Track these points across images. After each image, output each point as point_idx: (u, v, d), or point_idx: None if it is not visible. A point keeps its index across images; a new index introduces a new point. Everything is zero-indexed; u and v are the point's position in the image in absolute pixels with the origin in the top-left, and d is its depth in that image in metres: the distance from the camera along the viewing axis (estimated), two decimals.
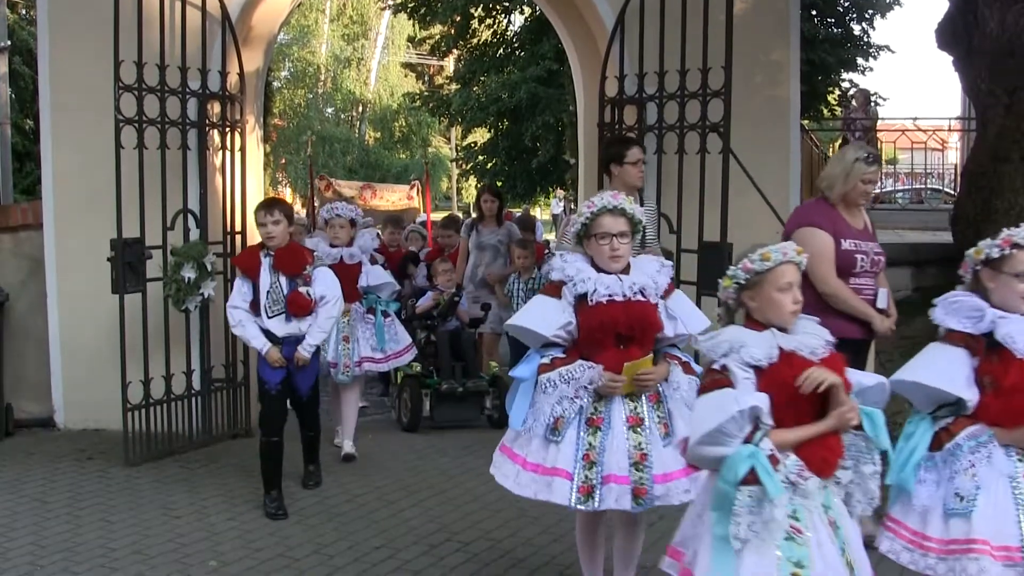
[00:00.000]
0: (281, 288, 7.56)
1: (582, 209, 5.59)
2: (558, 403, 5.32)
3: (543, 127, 23.86)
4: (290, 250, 7.70)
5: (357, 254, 9.25)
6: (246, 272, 7.65)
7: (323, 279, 7.74)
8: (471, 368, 10.92)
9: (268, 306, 7.57)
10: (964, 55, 10.28)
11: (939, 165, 27.29)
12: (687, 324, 5.61)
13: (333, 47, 53.45)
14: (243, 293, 7.64)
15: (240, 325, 7.66)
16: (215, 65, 9.61)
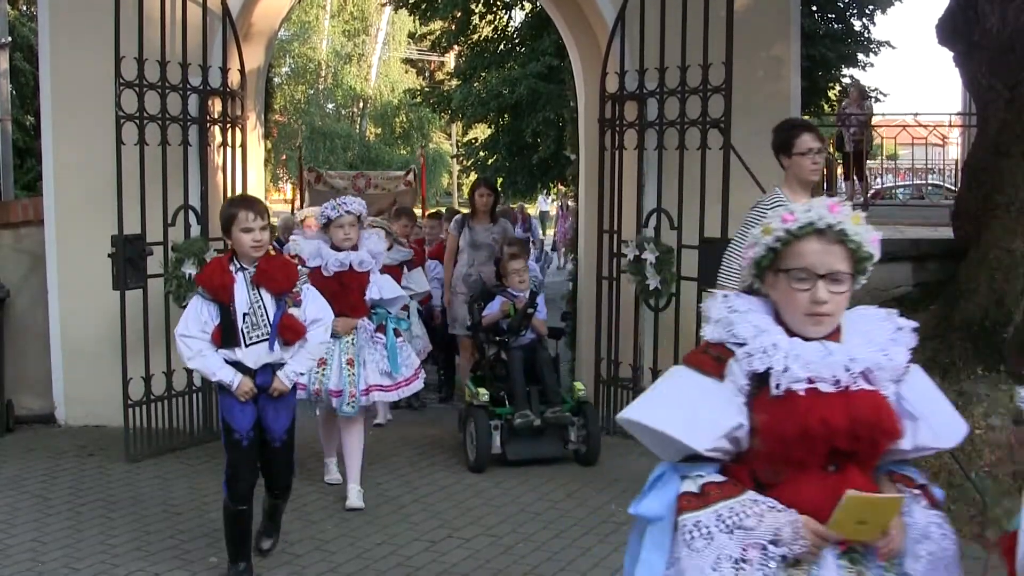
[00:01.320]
0: (265, 309, 6.17)
1: (770, 221, 3.32)
2: (716, 569, 3.07)
3: (544, 123, 23.83)
4: (277, 262, 6.32)
5: (368, 260, 7.92)
6: (215, 293, 6.14)
7: (314, 298, 6.46)
8: (551, 392, 8.92)
9: (246, 331, 6.14)
10: (965, 50, 10.28)
11: (940, 160, 27.30)
12: (936, 430, 3.49)
13: (334, 43, 53.48)
14: (203, 320, 6.13)
15: (199, 356, 6.13)
16: (216, 61, 9.62)
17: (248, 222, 6.13)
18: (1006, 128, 9.35)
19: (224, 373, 6.13)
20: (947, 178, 27.49)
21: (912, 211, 17.76)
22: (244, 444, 6.25)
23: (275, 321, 6.21)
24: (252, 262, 6.20)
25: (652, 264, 9.27)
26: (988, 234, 8.94)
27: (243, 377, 6.15)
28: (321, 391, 7.74)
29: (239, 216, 6.13)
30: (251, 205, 6.25)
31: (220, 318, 6.14)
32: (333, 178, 20.10)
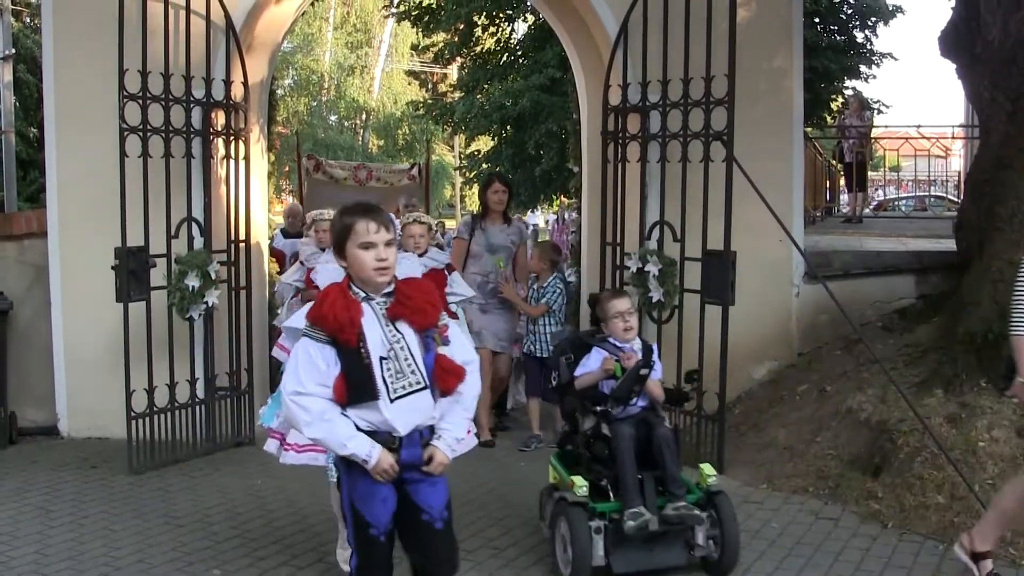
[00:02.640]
0: (409, 351, 4.68)
1: None
2: None
3: (546, 135, 23.86)
4: (419, 287, 4.86)
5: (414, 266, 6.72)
6: (338, 331, 4.63)
7: (458, 333, 5.02)
8: (672, 481, 6.53)
9: (389, 381, 4.64)
10: (967, 62, 10.29)
11: (943, 172, 27.35)
12: None
13: (337, 55, 53.55)
14: (321, 370, 4.63)
15: (322, 421, 4.60)
16: (219, 74, 9.63)
17: (370, 235, 4.70)
18: (1008, 140, 9.35)
19: (358, 445, 4.59)
20: (950, 190, 27.53)
21: (915, 223, 17.78)
22: (383, 540, 4.81)
23: (429, 365, 4.75)
24: (378, 288, 4.77)
25: (655, 276, 9.27)
26: (991, 246, 8.94)
27: (382, 450, 4.62)
28: None
29: (357, 227, 4.74)
30: (373, 214, 4.81)
31: (343, 365, 4.64)
32: (333, 167, 19.13)
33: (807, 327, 10.46)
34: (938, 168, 26.02)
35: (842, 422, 8.67)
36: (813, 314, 10.47)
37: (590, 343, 7.13)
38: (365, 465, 4.60)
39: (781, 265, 10.27)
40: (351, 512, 4.79)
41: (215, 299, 9.30)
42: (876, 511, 7.50)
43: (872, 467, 8.02)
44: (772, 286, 10.27)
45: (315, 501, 8.09)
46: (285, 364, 9.67)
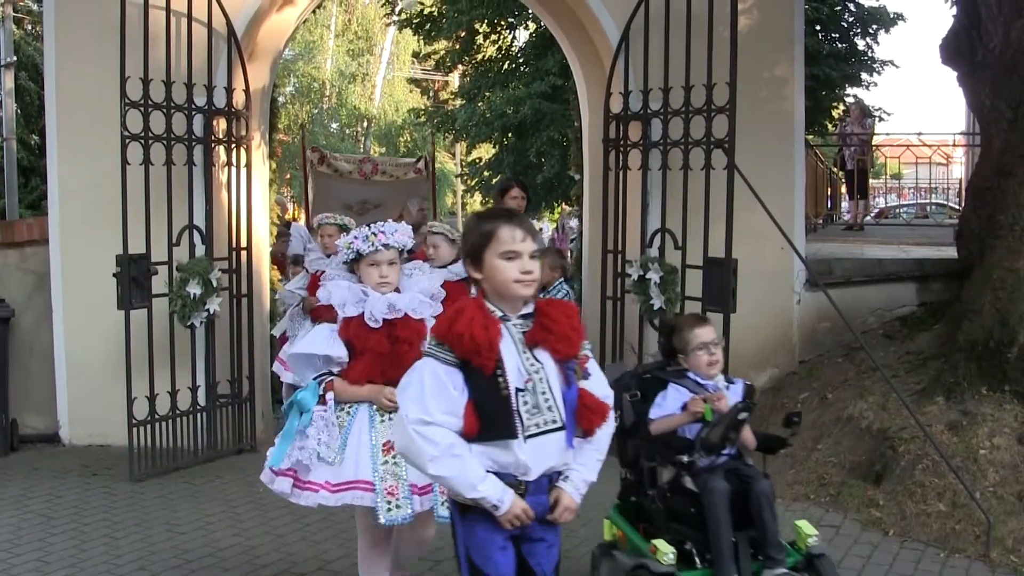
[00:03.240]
0: (548, 383, 4.04)
1: None
2: None
3: (548, 143, 23.85)
4: (562, 310, 4.18)
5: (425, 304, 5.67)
6: (474, 354, 3.98)
7: (595, 365, 4.33)
8: (771, 543, 5.54)
9: (524, 417, 4.01)
10: (968, 70, 10.30)
11: (944, 180, 27.37)
12: None
13: (338, 63, 53.50)
14: (451, 397, 4.00)
15: (450, 457, 3.95)
16: (221, 81, 9.64)
17: (515, 243, 4.05)
18: (1010, 148, 9.36)
19: (490, 488, 3.96)
20: (951, 197, 27.53)
21: (916, 230, 17.79)
22: None
23: (571, 401, 4.13)
24: (517, 306, 4.14)
25: (656, 284, 9.27)
26: (992, 254, 8.94)
27: (514, 494, 4.01)
28: (398, 487, 5.32)
29: (500, 234, 4.08)
30: (518, 219, 4.18)
31: (473, 394, 4.02)
32: (338, 160, 18.40)
33: (808, 335, 10.46)
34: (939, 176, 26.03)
35: (843, 429, 8.67)
36: (814, 321, 10.47)
37: (664, 378, 6.03)
38: (494, 512, 3.98)
39: (782, 273, 10.27)
40: (467, 565, 4.16)
41: (216, 306, 9.31)
42: (877, 519, 7.50)
43: (873, 474, 8.02)
44: (773, 294, 10.28)
45: (318, 509, 8.08)
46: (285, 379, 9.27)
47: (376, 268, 5.54)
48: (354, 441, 5.40)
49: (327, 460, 5.35)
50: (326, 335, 5.47)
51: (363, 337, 5.40)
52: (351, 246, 5.57)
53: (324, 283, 5.71)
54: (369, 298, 5.47)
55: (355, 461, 5.35)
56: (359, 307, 5.46)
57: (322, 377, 5.49)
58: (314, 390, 5.47)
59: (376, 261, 5.55)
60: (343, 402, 5.47)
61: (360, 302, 5.48)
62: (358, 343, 5.40)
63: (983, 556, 6.87)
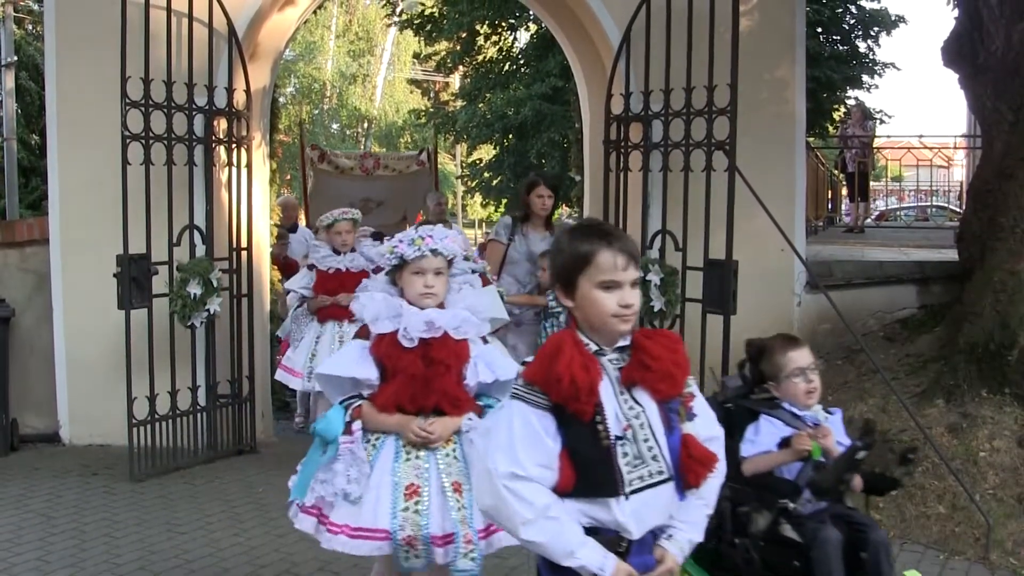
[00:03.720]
0: (650, 427, 3.50)
1: None
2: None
3: (548, 144, 23.88)
4: (664, 342, 3.60)
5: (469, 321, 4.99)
6: (572, 398, 3.41)
7: (703, 404, 3.77)
8: None
9: (625, 469, 3.45)
10: (970, 72, 10.30)
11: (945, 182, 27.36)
12: None
13: (339, 63, 53.52)
14: (546, 447, 3.45)
15: (545, 519, 3.41)
16: (222, 81, 9.64)
17: (616, 272, 3.48)
18: (1011, 150, 9.36)
19: (589, 555, 3.41)
20: (952, 200, 27.53)
21: (917, 233, 17.79)
22: None
23: (674, 449, 3.58)
24: (613, 340, 3.58)
25: (656, 285, 9.26)
26: (992, 256, 8.94)
27: (616, 559, 3.45)
28: (417, 538, 4.66)
29: (600, 260, 3.50)
30: (620, 241, 3.56)
31: (567, 442, 3.46)
32: (338, 157, 18.12)
33: (808, 337, 10.44)
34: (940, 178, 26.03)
35: None
36: (815, 323, 10.47)
37: (754, 409, 5.29)
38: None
39: (783, 274, 10.27)
40: None
41: (217, 307, 9.30)
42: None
43: None
44: (774, 296, 10.28)
45: None
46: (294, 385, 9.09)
47: (420, 277, 4.85)
48: (376, 480, 4.69)
49: (352, 500, 4.67)
50: (356, 353, 4.82)
51: (395, 357, 4.73)
52: (395, 251, 4.88)
53: (359, 295, 5.07)
54: (405, 313, 4.79)
55: (374, 505, 4.65)
56: (394, 323, 4.80)
57: (350, 401, 4.79)
58: (340, 416, 4.76)
59: (421, 269, 4.84)
60: (370, 431, 4.76)
61: (395, 317, 4.81)
62: (389, 363, 4.74)
63: (983, 558, 6.87)
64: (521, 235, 9.45)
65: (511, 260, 9.45)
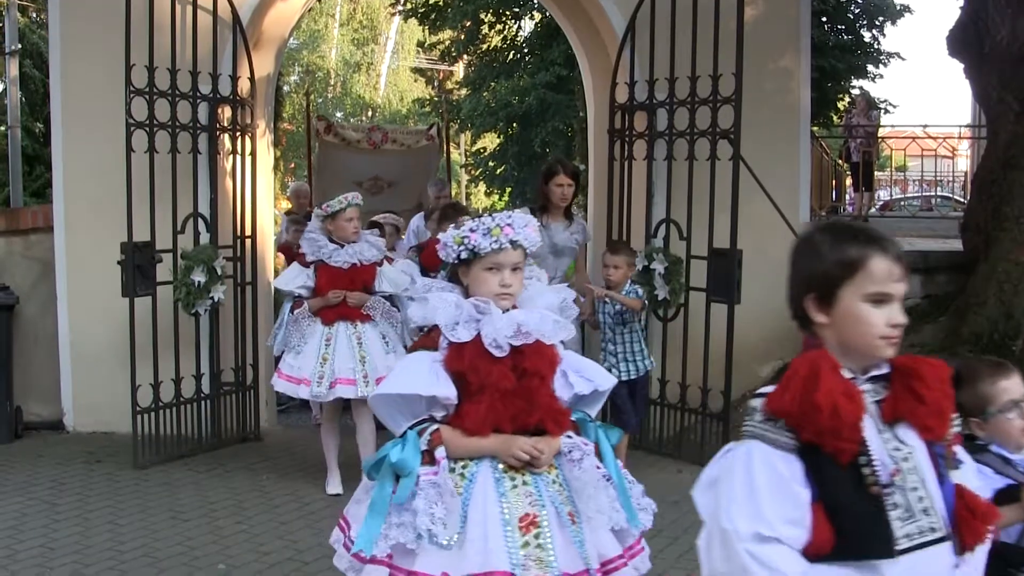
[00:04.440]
0: (919, 473, 2.83)
1: None
2: None
3: (553, 133, 23.89)
4: (931, 367, 2.98)
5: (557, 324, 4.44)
6: (831, 438, 2.73)
7: None
8: None
9: (897, 523, 2.75)
10: (975, 62, 10.28)
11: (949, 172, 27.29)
12: None
13: (343, 52, 53.48)
14: (797, 499, 2.74)
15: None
16: (226, 69, 9.63)
17: (889, 283, 2.98)
18: (1016, 140, 9.36)
19: None
20: (956, 190, 27.48)
21: (921, 223, 17.75)
22: None
23: (948, 501, 2.88)
24: (868, 367, 2.96)
25: (661, 274, 9.26)
26: (997, 247, 8.94)
27: None
28: None
29: (873, 267, 2.97)
30: (892, 247, 3.06)
31: (821, 491, 2.77)
32: (345, 129, 17.30)
33: None
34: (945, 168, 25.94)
35: None
36: None
37: None
38: None
39: (787, 264, 10.26)
40: None
41: (221, 294, 9.30)
42: None
43: None
44: (778, 285, 10.17)
45: (321, 496, 8.09)
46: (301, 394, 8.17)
47: (496, 274, 4.02)
48: (477, 515, 3.86)
49: (441, 542, 3.79)
50: (426, 368, 3.95)
51: (482, 370, 3.90)
52: (465, 241, 4.02)
53: (417, 295, 4.23)
54: (487, 316, 3.98)
55: (482, 543, 3.80)
56: (473, 328, 3.98)
57: (423, 426, 3.92)
58: (415, 445, 3.90)
59: (497, 264, 4.02)
60: (457, 459, 3.92)
61: (474, 321, 3.99)
62: (475, 378, 3.90)
63: None
64: (542, 227, 7.87)
65: (537, 256, 7.99)
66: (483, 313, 3.96)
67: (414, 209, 15.67)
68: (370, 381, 7.86)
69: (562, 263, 8.72)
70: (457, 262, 4.08)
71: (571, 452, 3.97)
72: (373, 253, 8.23)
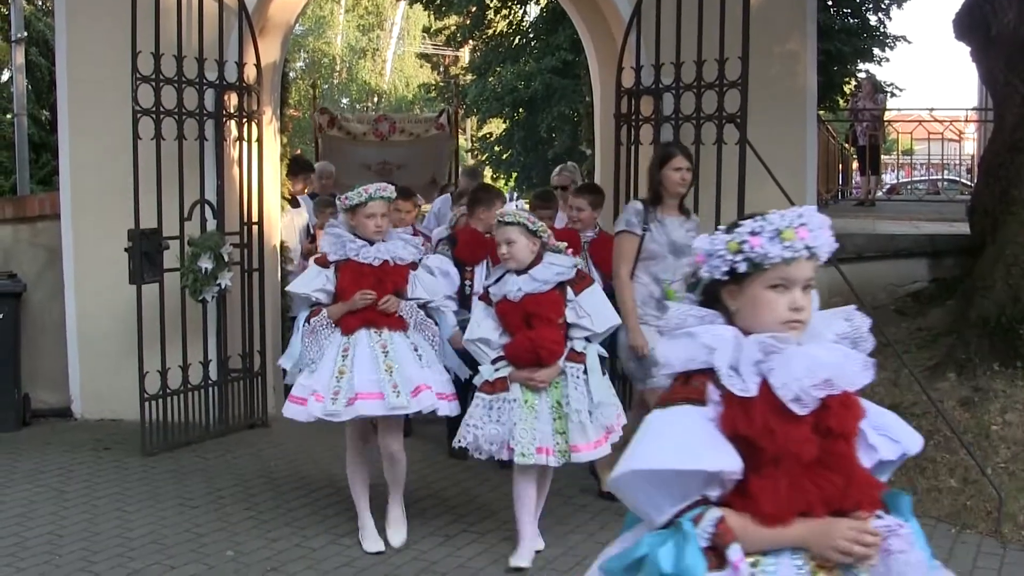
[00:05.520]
0: None
1: None
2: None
3: (559, 118, 23.90)
4: None
5: None
6: None
7: None
8: None
9: None
10: (981, 45, 10.26)
11: (956, 156, 27.28)
12: None
13: (348, 38, 53.44)
14: None
15: None
16: (232, 56, 9.62)
17: None
18: (1023, 123, 9.33)
19: None
20: (962, 174, 27.46)
21: (928, 206, 17.73)
22: None
23: None
24: None
25: None
26: (1004, 230, 8.91)
27: None
28: None
29: None
30: None
31: None
32: (349, 121, 16.70)
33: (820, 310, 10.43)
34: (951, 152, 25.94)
35: None
36: (826, 297, 10.26)
37: None
38: None
39: None
40: None
41: (228, 281, 9.31)
42: None
43: None
44: None
45: (328, 483, 8.09)
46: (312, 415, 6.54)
47: (785, 294, 2.98)
48: None
49: None
50: (701, 430, 2.85)
51: (779, 433, 2.82)
52: (743, 247, 2.96)
53: (670, 326, 3.08)
54: (779, 357, 2.88)
55: None
56: (758, 373, 2.88)
57: (696, 511, 2.83)
58: (695, 545, 2.79)
59: (788, 280, 2.99)
60: (754, 555, 2.84)
61: (760, 365, 2.89)
62: (769, 444, 2.82)
63: (994, 532, 6.87)
64: (657, 222, 7.40)
65: (651, 255, 7.36)
66: (773, 353, 2.89)
67: (428, 185, 15.37)
68: (403, 392, 6.38)
69: (680, 264, 7.16)
70: (727, 278, 3.00)
71: (888, 539, 2.86)
72: (410, 252, 6.83)
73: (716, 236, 3.03)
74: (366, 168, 15.12)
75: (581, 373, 6.26)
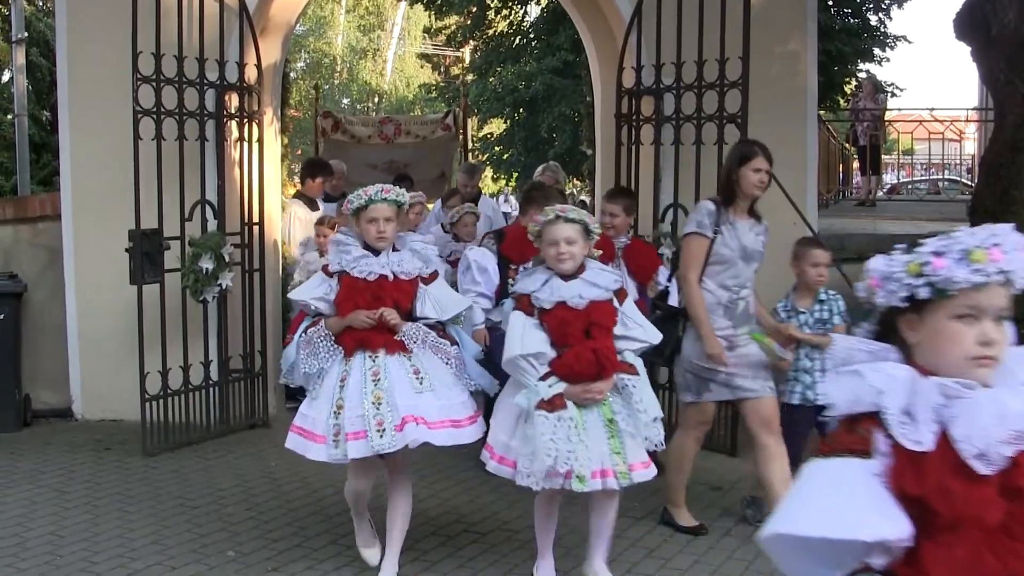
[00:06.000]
0: None
1: None
2: None
3: (559, 118, 23.91)
4: None
5: None
6: None
7: None
8: None
9: None
10: (982, 45, 10.24)
11: (956, 156, 27.28)
12: None
13: (349, 38, 53.44)
14: None
15: None
16: (233, 56, 9.63)
17: None
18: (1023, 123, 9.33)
19: None
20: (963, 174, 27.46)
21: (929, 206, 17.74)
22: None
23: None
24: None
25: (668, 259, 9.24)
26: None
27: None
28: None
29: None
30: None
31: None
32: (353, 125, 16.34)
33: None
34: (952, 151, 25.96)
35: None
36: None
37: None
38: None
39: (799, 248, 10.24)
40: None
41: (229, 281, 9.32)
42: None
43: None
44: (785, 269, 10.21)
45: (329, 483, 8.08)
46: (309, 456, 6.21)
47: (974, 325, 2.58)
48: None
49: None
50: (864, 490, 2.47)
51: (958, 495, 2.44)
52: (925, 270, 2.67)
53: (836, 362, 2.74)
54: (962, 405, 2.49)
55: None
56: (935, 420, 2.50)
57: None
58: None
59: (978, 309, 2.59)
60: None
61: (938, 410, 2.51)
62: (945, 507, 2.45)
63: None
64: (729, 224, 6.97)
65: (722, 259, 6.92)
66: (954, 398, 2.49)
67: (437, 179, 15.23)
68: (388, 428, 5.75)
69: (750, 270, 7.08)
70: (906, 305, 2.66)
71: None
72: (415, 265, 6.07)
73: (894, 257, 2.72)
74: (373, 167, 15.00)
75: (632, 386, 5.67)
